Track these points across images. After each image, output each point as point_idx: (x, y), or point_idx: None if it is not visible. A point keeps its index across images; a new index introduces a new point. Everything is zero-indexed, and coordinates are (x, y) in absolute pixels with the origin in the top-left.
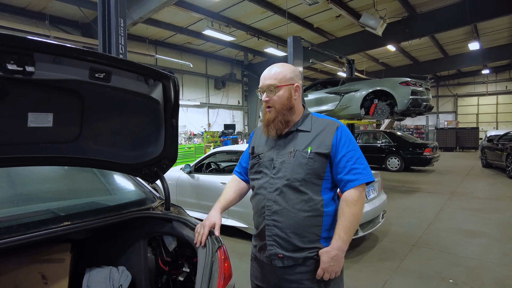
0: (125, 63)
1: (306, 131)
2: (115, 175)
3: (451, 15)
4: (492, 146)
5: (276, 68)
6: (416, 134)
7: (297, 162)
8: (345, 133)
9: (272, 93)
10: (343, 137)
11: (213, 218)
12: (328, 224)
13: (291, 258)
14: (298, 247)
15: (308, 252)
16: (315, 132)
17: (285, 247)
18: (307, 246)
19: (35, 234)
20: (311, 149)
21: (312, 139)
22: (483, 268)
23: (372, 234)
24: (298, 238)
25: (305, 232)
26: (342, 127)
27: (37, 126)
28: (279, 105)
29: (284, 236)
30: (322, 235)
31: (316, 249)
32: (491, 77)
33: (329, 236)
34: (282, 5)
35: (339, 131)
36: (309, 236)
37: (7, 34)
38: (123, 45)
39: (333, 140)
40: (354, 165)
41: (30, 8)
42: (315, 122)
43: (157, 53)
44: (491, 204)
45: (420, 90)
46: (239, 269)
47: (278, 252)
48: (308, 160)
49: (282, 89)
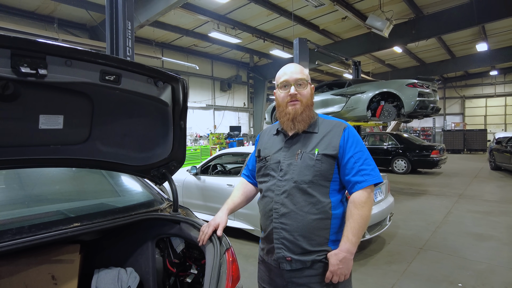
0: (135, 66)
1: (313, 132)
2: (123, 176)
3: (458, 16)
4: (501, 148)
5: (295, 66)
6: (423, 136)
7: (305, 164)
8: (352, 134)
9: (301, 87)
10: (350, 137)
11: (218, 219)
12: (336, 226)
13: (299, 261)
14: (306, 250)
15: (316, 255)
16: (322, 133)
17: (293, 250)
18: (315, 249)
19: (45, 235)
20: (318, 151)
21: (319, 141)
22: (493, 272)
23: (379, 237)
24: (306, 241)
25: (313, 235)
26: (349, 128)
27: (48, 128)
28: (306, 100)
29: (292, 239)
30: (330, 238)
31: (325, 252)
32: (499, 79)
33: (337, 239)
34: (288, 7)
35: (346, 132)
36: (317, 239)
37: (20, 38)
38: (130, 48)
39: (340, 141)
40: (362, 166)
41: (39, 12)
42: (322, 123)
43: (164, 55)
44: (500, 207)
45: (427, 92)
46: (246, 271)
47: (286, 255)
48: (315, 162)
49: (308, 86)
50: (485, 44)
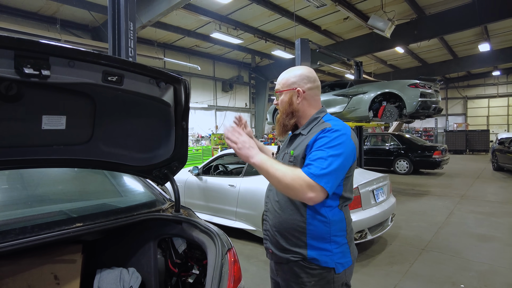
0: (137, 67)
1: (300, 134)
2: (125, 177)
3: (460, 16)
4: (504, 148)
5: (285, 72)
6: (425, 137)
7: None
8: (329, 135)
9: (278, 96)
10: (321, 138)
11: None
12: (313, 232)
13: (277, 256)
14: (283, 247)
15: (291, 255)
16: (308, 135)
17: (274, 244)
18: (291, 249)
19: (48, 235)
20: (293, 152)
21: (300, 142)
22: (495, 273)
23: (381, 238)
24: (283, 238)
25: (289, 234)
26: (330, 130)
27: (50, 128)
28: (281, 108)
29: (272, 234)
30: (308, 242)
31: (300, 255)
32: (502, 79)
33: (318, 247)
34: (290, 8)
35: (321, 133)
36: (293, 240)
37: (24, 39)
38: (132, 49)
39: (310, 140)
40: (311, 161)
41: (41, 13)
42: (318, 126)
43: (166, 56)
44: (503, 208)
45: (429, 92)
46: (247, 271)
47: (269, 247)
48: (288, 163)
49: (283, 94)
50: (487, 44)
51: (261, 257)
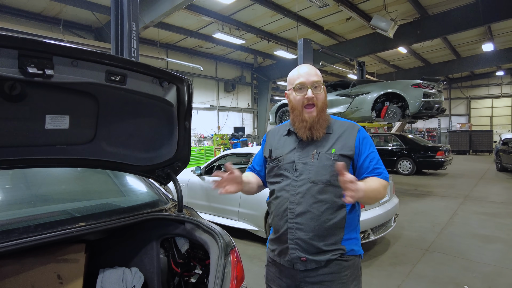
0: (140, 66)
1: (327, 133)
2: (128, 176)
3: (464, 16)
4: (507, 149)
5: (310, 66)
6: (428, 137)
7: (321, 164)
8: (366, 135)
9: (318, 89)
10: (365, 139)
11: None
12: (350, 225)
13: (314, 261)
14: (321, 249)
15: (331, 254)
16: (337, 134)
17: (308, 250)
18: (330, 249)
19: (51, 235)
20: (335, 151)
21: (335, 141)
22: (499, 274)
23: (384, 238)
24: (321, 240)
25: (328, 234)
26: (362, 130)
27: (54, 128)
28: (321, 103)
29: (307, 239)
30: (344, 236)
31: (339, 251)
32: (506, 79)
33: (349, 238)
34: (292, 8)
35: (361, 133)
36: (332, 239)
37: (28, 38)
38: (135, 49)
39: (356, 142)
40: (376, 165)
41: (45, 14)
42: (335, 124)
43: (168, 56)
44: (507, 209)
45: (432, 93)
46: (250, 271)
47: (301, 255)
48: (332, 162)
49: (323, 88)
50: (491, 44)
51: (263, 257)
